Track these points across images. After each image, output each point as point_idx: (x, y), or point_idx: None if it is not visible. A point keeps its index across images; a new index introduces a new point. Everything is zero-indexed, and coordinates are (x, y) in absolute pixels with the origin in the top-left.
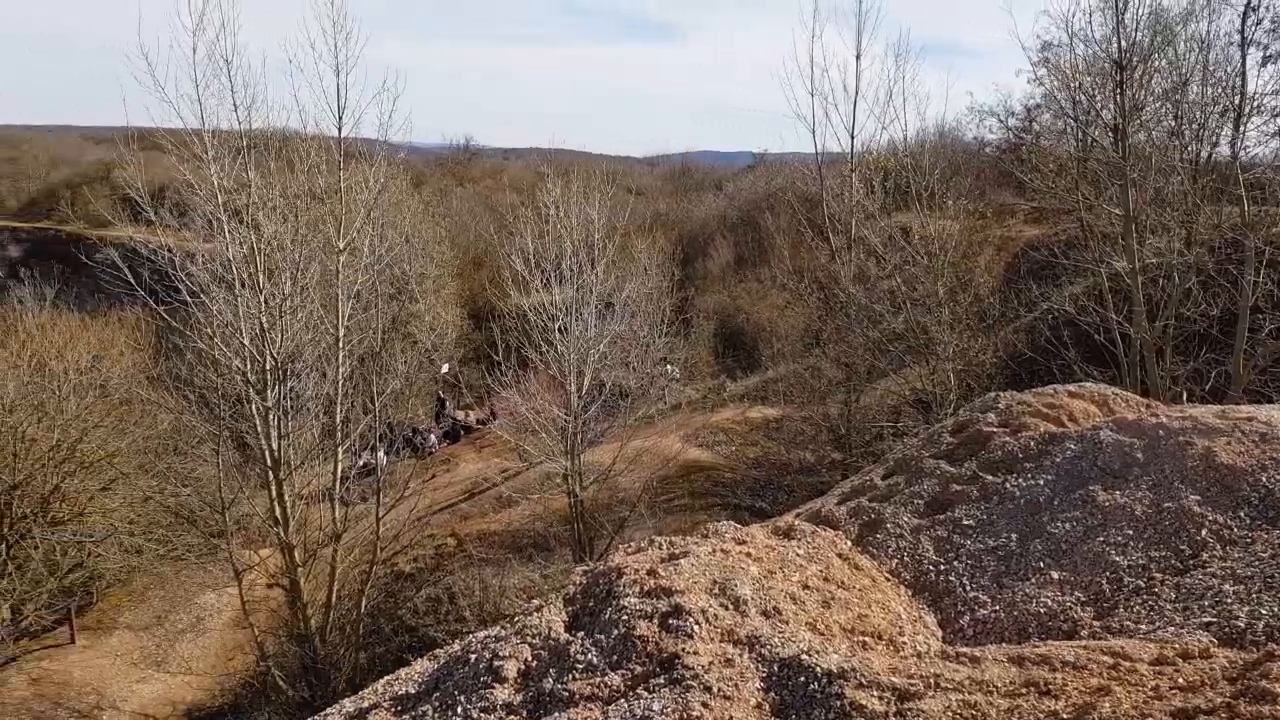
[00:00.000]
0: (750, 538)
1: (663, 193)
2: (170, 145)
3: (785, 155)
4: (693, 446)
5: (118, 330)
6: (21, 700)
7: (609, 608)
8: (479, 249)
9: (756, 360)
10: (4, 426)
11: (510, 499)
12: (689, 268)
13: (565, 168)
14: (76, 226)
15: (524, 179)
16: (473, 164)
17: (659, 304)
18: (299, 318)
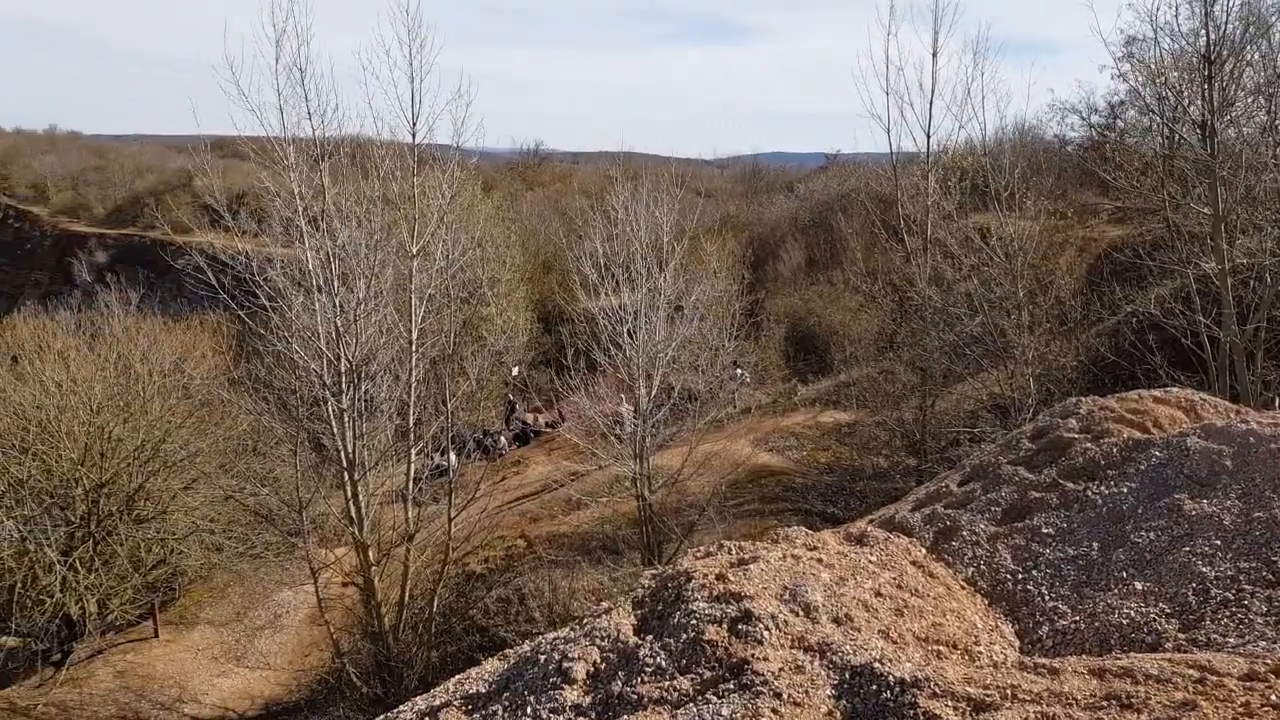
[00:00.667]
0: (822, 543)
1: (732, 195)
2: (252, 153)
3: (858, 155)
4: (763, 451)
5: (200, 334)
6: (108, 692)
7: (678, 611)
8: (548, 253)
9: (828, 364)
10: (92, 427)
11: (579, 501)
12: (759, 270)
13: (634, 171)
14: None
15: (593, 183)
16: (542, 168)
17: (728, 307)
18: (373, 321)
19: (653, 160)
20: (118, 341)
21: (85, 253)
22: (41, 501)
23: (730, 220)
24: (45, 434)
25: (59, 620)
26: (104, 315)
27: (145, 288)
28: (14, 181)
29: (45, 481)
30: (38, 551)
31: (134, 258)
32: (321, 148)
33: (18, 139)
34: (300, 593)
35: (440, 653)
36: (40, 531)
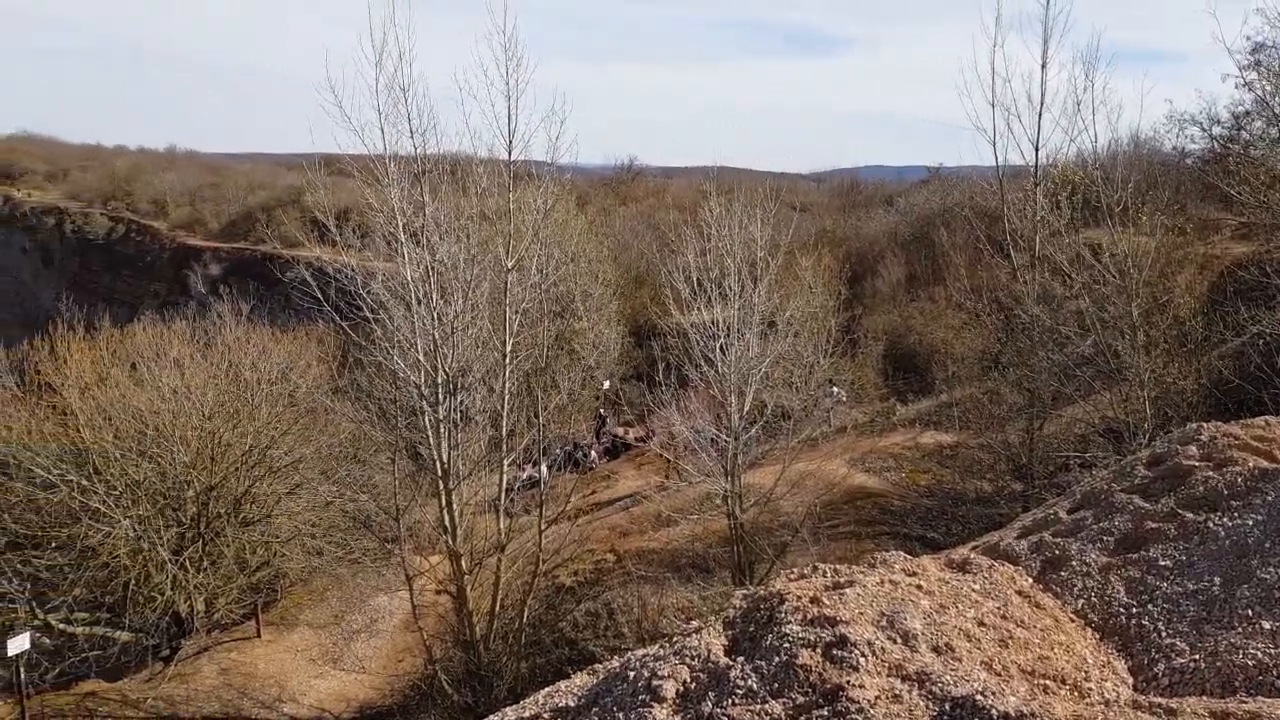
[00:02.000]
0: (921, 569)
1: (829, 209)
2: (356, 170)
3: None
4: (859, 471)
5: (305, 344)
6: (212, 688)
7: (770, 634)
8: (641, 267)
9: (929, 383)
10: (203, 432)
11: (669, 518)
12: (857, 286)
13: (728, 185)
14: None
15: (686, 197)
16: (636, 183)
17: (824, 323)
18: (469, 334)
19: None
20: (229, 350)
21: (200, 265)
22: (156, 502)
23: (827, 235)
24: (161, 438)
25: (169, 617)
26: (217, 325)
27: (255, 299)
28: (136, 197)
29: (160, 483)
30: (151, 550)
31: (246, 270)
32: (421, 165)
33: (140, 158)
34: (395, 598)
35: (529, 664)
36: (154, 531)
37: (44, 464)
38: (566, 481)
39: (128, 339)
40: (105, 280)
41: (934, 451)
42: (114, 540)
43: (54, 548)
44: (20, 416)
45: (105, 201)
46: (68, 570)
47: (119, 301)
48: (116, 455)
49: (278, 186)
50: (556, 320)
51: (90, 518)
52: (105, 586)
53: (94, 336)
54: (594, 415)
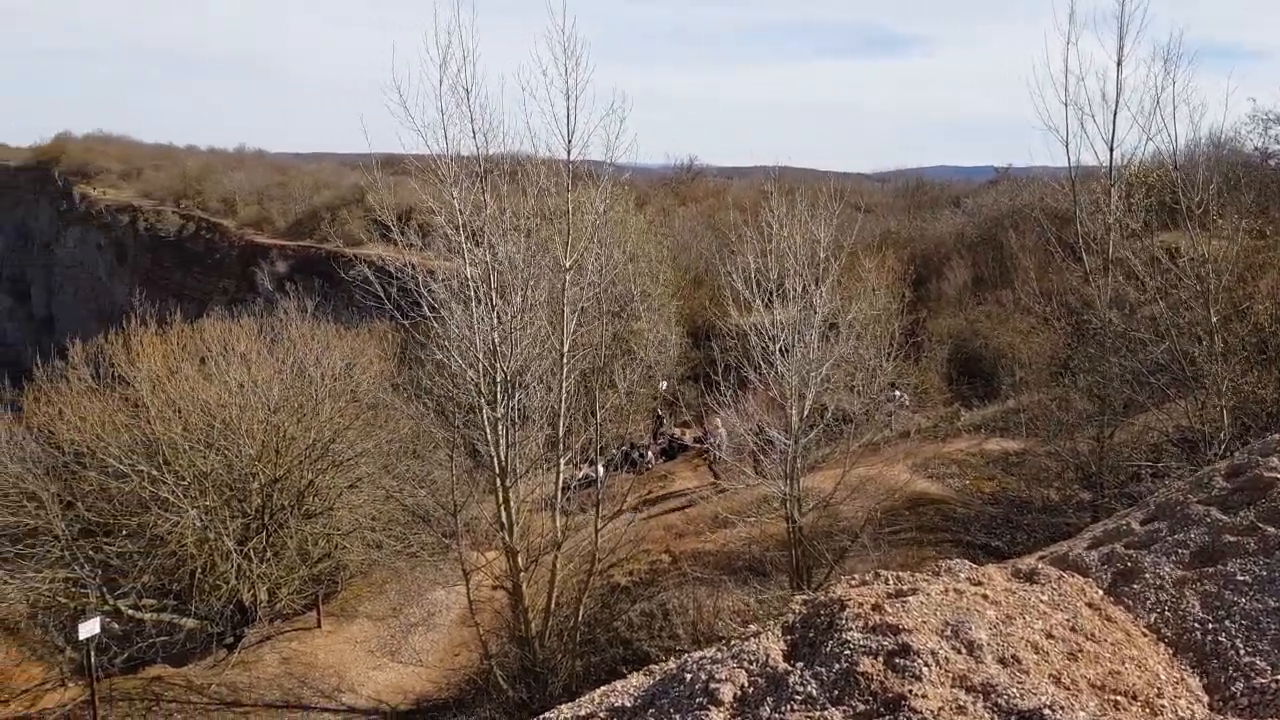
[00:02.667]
0: (987, 578)
1: (894, 210)
2: (417, 170)
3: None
4: (922, 477)
5: (367, 341)
6: (273, 676)
7: (830, 640)
8: (699, 268)
9: (995, 389)
10: (269, 425)
11: (726, 519)
12: (922, 288)
13: (790, 185)
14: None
15: (747, 198)
16: (696, 183)
17: (887, 326)
18: (527, 333)
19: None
20: (294, 346)
21: (267, 263)
22: (222, 494)
23: (891, 236)
24: (228, 430)
25: (233, 606)
26: (282, 321)
27: (320, 296)
28: (207, 196)
29: (226, 475)
30: (217, 540)
31: (310, 268)
32: (483, 165)
33: (211, 158)
34: (452, 593)
35: (584, 662)
36: (220, 521)
37: (116, 454)
38: (623, 481)
39: (198, 334)
40: (176, 276)
41: (999, 458)
42: (182, 529)
43: (124, 535)
44: (95, 408)
45: (177, 200)
46: (137, 558)
47: (189, 297)
48: (185, 447)
49: (342, 186)
50: (614, 320)
51: (159, 507)
52: (173, 574)
53: (165, 331)
54: (651, 416)
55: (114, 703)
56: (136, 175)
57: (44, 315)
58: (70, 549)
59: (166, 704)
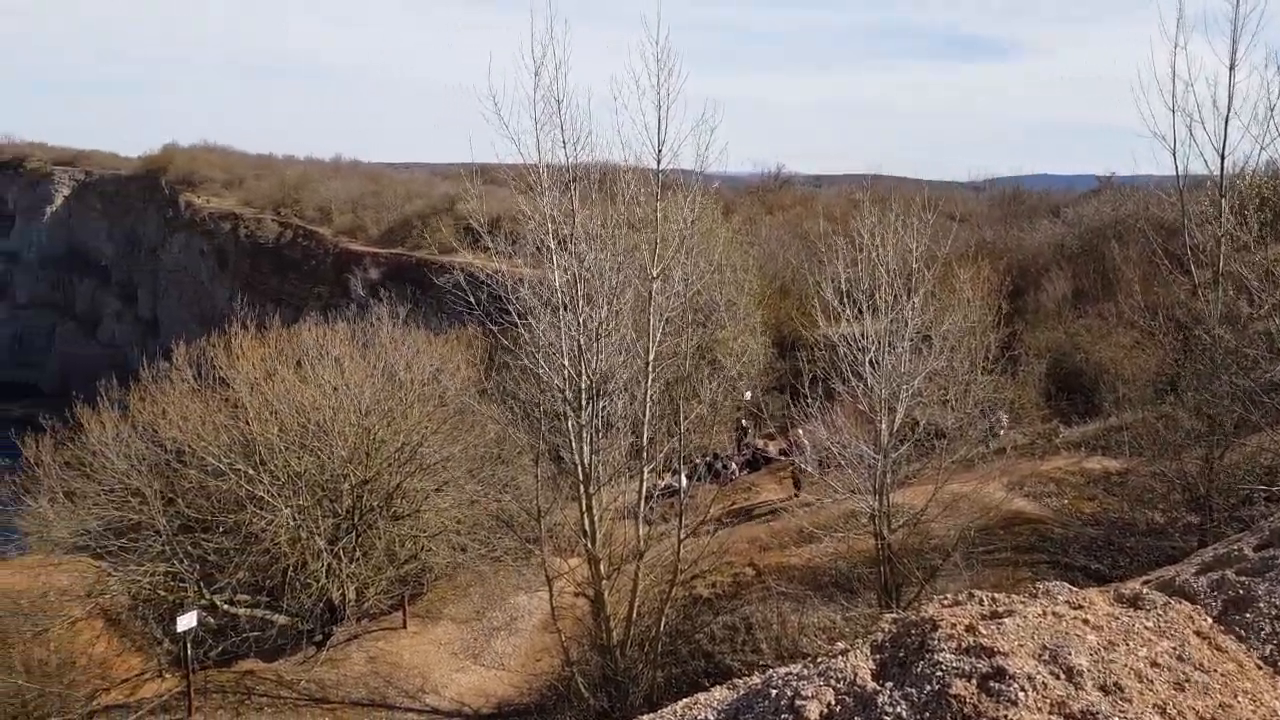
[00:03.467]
0: (1088, 602)
1: (989, 219)
2: (509, 178)
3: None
4: (1018, 496)
5: (456, 347)
6: (360, 675)
7: (921, 661)
8: (786, 277)
9: (1096, 405)
10: (360, 428)
11: (811, 534)
12: (1018, 300)
13: (881, 193)
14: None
15: (836, 206)
16: (783, 192)
17: (982, 339)
18: (613, 341)
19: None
20: (385, 351)
21: (361, 269)
22: (314, 494)
23: (986, 246)
24: (321, 432)
25: (323, 604)
26: (374, 327)
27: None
28: (304, 205)
29: (318, 475)
30: (309, 539)
31: (402, 275)
32: (572, 173)
33: (308, 167)
34: (534, 598)
35: (665, 673)
36: (312, 520)
37: (215, 453)
38: (706, 492)
39: (294, 338)
40: (274, 282)
41: (1100, 478)
42: (275, 527)
43: (221, 532)
44: (196, 408)
45: (276, 208)
46: (233, 554)
47: (286, 302)
48: (280, 447)
49: (433, 195)
50: (699, 329)
51: (255, 505)
52: (266, 571)
53: (264, 335)
54: (735, 426)
55: (208, 694)
56: (238, 184)
57: (149, 318)
58: (170, 544)
59: (258, 698)
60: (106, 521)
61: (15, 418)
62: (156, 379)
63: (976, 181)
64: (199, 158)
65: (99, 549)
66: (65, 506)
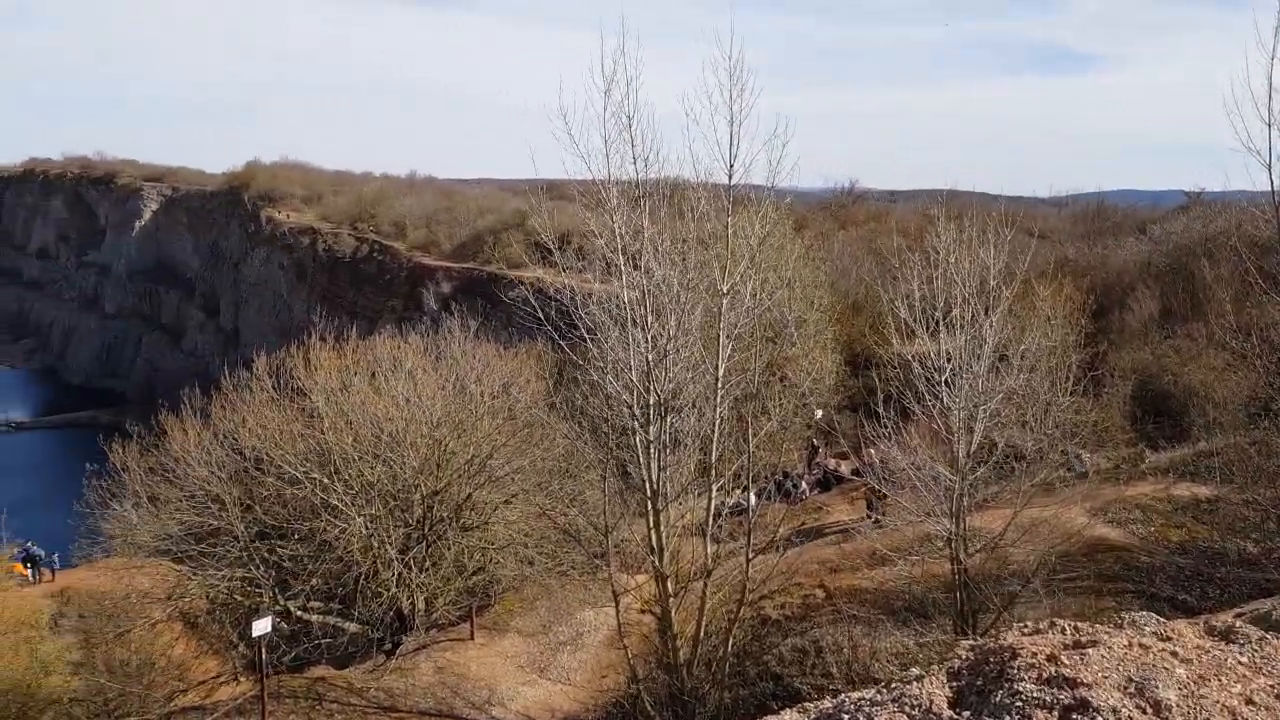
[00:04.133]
0: (1176, 634)
1: (1071, 236)
2: (579, 194)
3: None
4: (1101, 522)
5: (525, 361)
6: (428, 685)
7: (1000, 690)
8: (859, 294)
9: (1184, 429)
10: (431, 439)
11: (884, 556)
12: (1102, 320)
13: (958, 209)
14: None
15: (911, 222)
16: (856, 207)
17: (1063, 359)
18: (682, 357)
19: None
20: (456, 364)
21: (433, 283)
22: (386, 503)
23: (1068, 264)
24: (394, 443)
25: (393, 613)
26: (446, 340)
27: (481, 316)
28: (380, 220)
29: (390, 485)
30: (380, 548)
31: (473, 289)
32: (642, 189)
33: (385, 183)
34: (601, 613)
35: (732, 695)
36: (384, 530)
37: (292, 461)
38: (775, 511)
39: (369, 350)
40: (350, 295)
41: (1189, 505)
42: (348, 536)
43: (296, 539)
44: (274, 417)
45: (353, 223)
46: (307, 561)
47: (361, 315)
48: (354, 457)
49: (504, 210)
50: (769, 346)
51: (329, 513)
52: (338, 579)
53: (340, 346)
54: (805, 445)
55: (281, 699)
56: (317, 200)
57: (231, 329)
58: (247, 550)
59: (328, 704)
60: (187, 526)
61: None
62: (237, 388)
63: (1058, 197)
64: (279, 174)
65: (179, 553)
66: (148, 511)
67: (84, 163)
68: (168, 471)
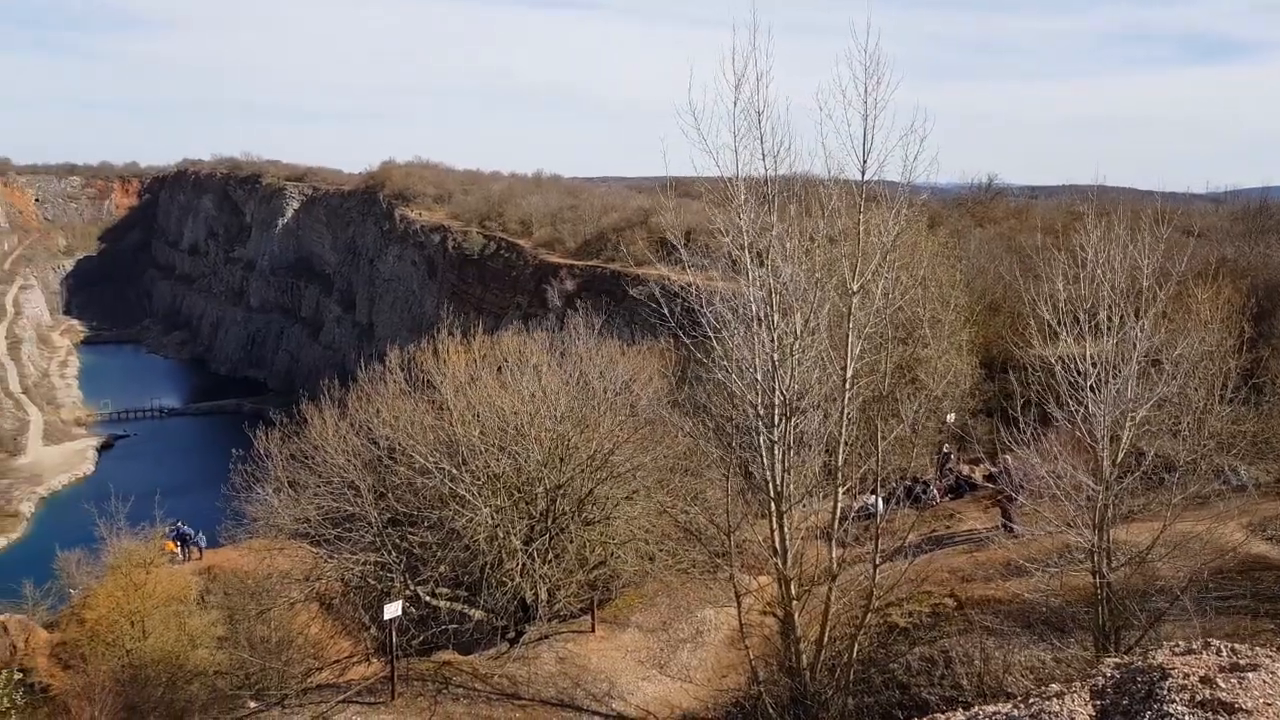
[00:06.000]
0: None
1: (1231, 235)
2: (705, 191)
3: None
4: (1260, 539)
5: (648, 358)
6: (550, 675)
7: (1148, 711)
8: (997, 293)
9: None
10: (555, 434)
11: (1020, 567)
12: (1264, 324)
13: (1106, 206)
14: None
15: (1054, 219)
16: (994, 204)
17: (1221, 365)
18: (808, 356)
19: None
20: (580, 360)
21: (557, 280)
22: (511, 495)
23: (1228, 264)
24: (519, 436)
25: (516, 602)
26: (570, 336)
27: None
28: (507, 218)
29: (515, 478)
30: (505, 538)
31: (596, 286)
32: (770, 186)
33: (512, 182)
34: (721, 613)
35: (856, 701)
36: (508, 521)
37: (422, 451)
38: (904, 517)
39: (495, 345)
40: (477, 291)
41: None
42: (475, 525)
43: (425, 527)
44: (406, 408)
45: (481, 221)
46: (435, 548)
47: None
48: (481, 449)
49: (628, 208)
50: (901, 347)
51: (456, 503)
52: (465, 567)
53: (468, 341)
54: (937, 449)
55: (409, 681)
56: (447, 198)
57: (366, 322)
58: (380, 535)
59: (454, 688)
60: (324, 511)
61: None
62: (371, 380)
63: (1216, 193)
64: (413, 174)
65: (317, 536)
66: (289, 495)
67: (231, 163)
68: (307, 458)
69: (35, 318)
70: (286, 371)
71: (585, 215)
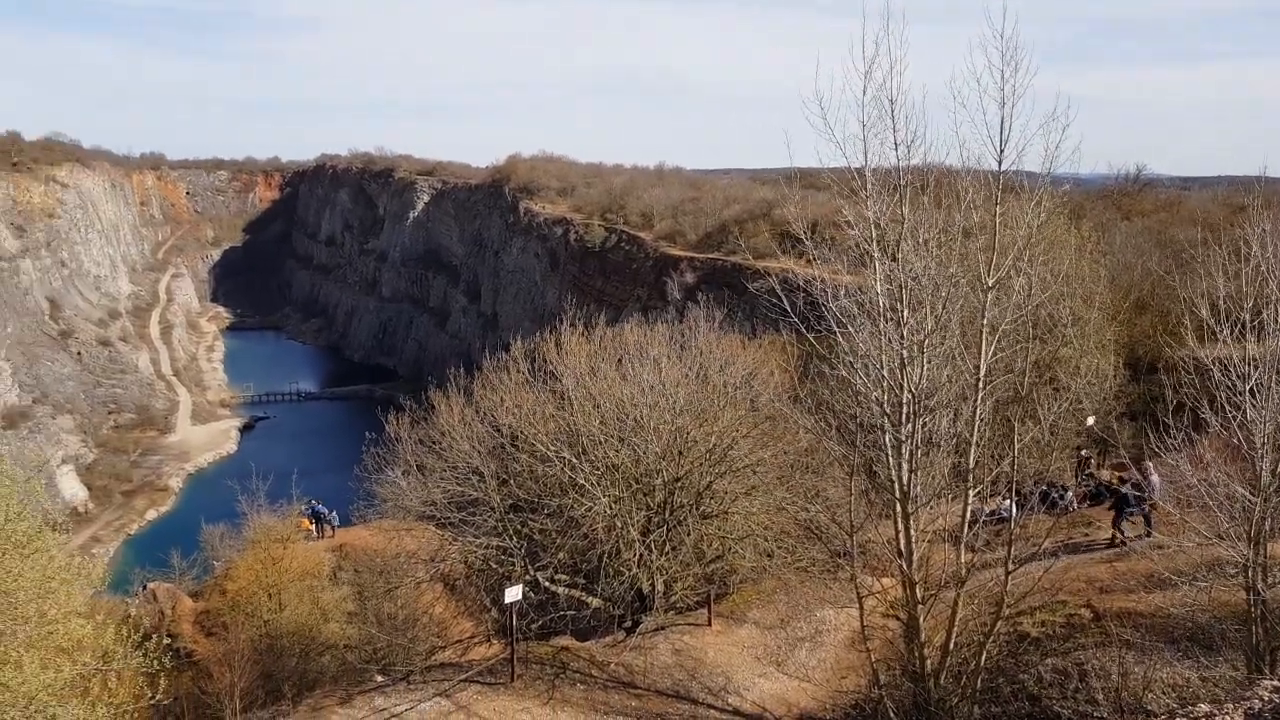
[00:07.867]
0: None
1: None
2: (832, 182)
3: None
4: None
5: (769, 352)
6: (665, 666)
7: None
8: (1145, 290)
9: None
10: (674, 426)
11: (1164, 579)
12: None
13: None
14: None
15: (1211, 211)
16: (1142, 195)
17: None
18: (938, 353)
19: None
20: (700, 354)
21: (678, 273)
22: (629, 486)
23: None
24: (638, 428)
25: (633, 592)
26: (690, 329)
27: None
28: (628, 211)
29: (633, 469)
30: (623, 529)
31: (717, 279)
32: (901, 176)
33: (634, 174)
34: (841, 613)
35: (983, 710)
36: (626, 511)
37: (544, 440)
38: (1039, 523)
39: (616, 337)
40: (598, 283)
41: None
42: (593, 514)
43: (546, 514)
44: (529, 398)
45: (603, 214)
46: (555, 535)
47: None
48: (601, 439)
49: (750, 200)
50: (1039, 345)
51: (576, 492)
52: (583, 555)
53: (589, 333)
54: (1075, 454)
55: (528, 664)
56: (570, 192)
57: (490, 313)
58: (502, 521)
59: (571, 673)
60: (449, 495)
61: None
62: (495, 369)
63: None
64: (537, 167)
65: (442, 519)
66: (416, 479)
67: (366, 158)
68: (434, 443)
69: (185, 305)
70: (415, 359)
71: (706, 208)
